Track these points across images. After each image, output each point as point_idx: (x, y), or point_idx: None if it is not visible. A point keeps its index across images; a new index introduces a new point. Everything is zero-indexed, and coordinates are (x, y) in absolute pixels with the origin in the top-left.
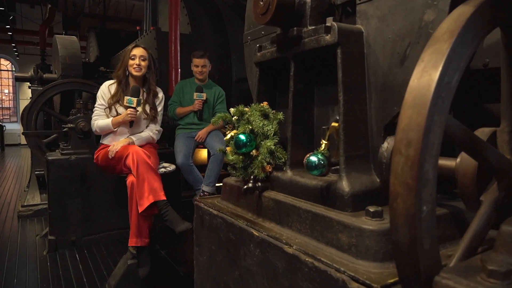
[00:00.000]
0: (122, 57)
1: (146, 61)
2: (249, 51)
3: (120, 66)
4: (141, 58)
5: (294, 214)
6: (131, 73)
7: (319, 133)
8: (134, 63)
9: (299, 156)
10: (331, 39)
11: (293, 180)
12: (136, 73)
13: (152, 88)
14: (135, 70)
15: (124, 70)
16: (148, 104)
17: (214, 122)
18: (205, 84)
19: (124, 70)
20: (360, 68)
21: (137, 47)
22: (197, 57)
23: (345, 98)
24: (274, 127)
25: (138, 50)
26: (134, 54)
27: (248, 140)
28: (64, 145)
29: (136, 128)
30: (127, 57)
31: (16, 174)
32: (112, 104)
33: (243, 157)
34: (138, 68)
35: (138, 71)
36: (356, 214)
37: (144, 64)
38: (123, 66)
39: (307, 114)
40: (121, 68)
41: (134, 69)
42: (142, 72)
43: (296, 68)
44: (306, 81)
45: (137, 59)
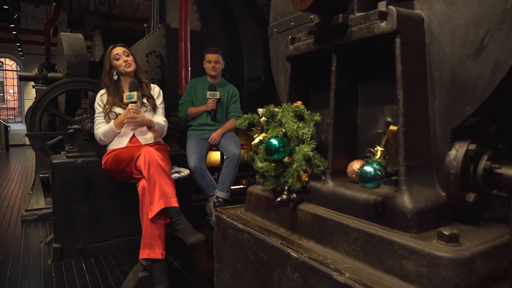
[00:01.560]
0: (105, 63)
1: (131, 55)
2: (275, 45)
3: (104, 74)
4: (124, 54)
5: (341, 233)
6: (124, 71)
7: (363, 138)
8: (121, 62)
9: (341, 164)
10: (388, 27)
11: (337, 192)
12: (129, 69)
13: (144, 80)
14: (127, 66)
15: (110, 76)
16: (145, 96)
17: (240, 124)
18: (218, 82)
19: (110, 77)
20: (421, 60)
21: (115, 47)
22: (210, 52)
23: (405, 96)
24: (311, 130)
25: (118, 48)
26: (117, 53)
27: (281, 145)
28: (70, 148)
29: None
30: (108, 61)
31: (20, 175)
32: (109, 111)
33: (275, 165)
34: (128, 64)
35: (129, 66)
36: (424, 237)
37: (131, 59)
38: (107, 73)
39: (350, 116)
40: (106, 75)
41: (125, 66)
42: (133, 66)
43: (338, 62)
44: (349, 77)
45: (122, 56)
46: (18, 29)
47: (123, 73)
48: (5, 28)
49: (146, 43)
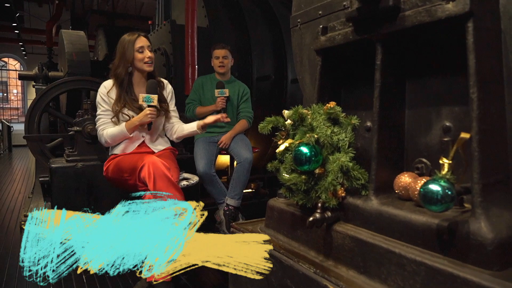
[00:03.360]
0: (121, 50)
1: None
2: (299, 38)
3: (119, 63)
4: (149, 48)
5: (392, 264)
6: (143, 69)
7: (411, 145)
8: (144, 57)
9: (385, 177)
10: (457, 8)
11: (384, 212)
12: (149, 68)
13: (158, 79)
14: (148, 65)
15: (127, 67)
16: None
17: (263, 128)
18: (227, 80)
19: (126, 67)
20: (497, 51)
21: (139, 36)
22: (217, 48)
23: (480, 96)
24: (348, 136)
25: (143, 39)
26: (141, 46)
27: (313, 153)
28: (70, 151)
29: (155, 131)
30: (131, 51)
31: (22, 177)
32: (119, 111)
33: (305, 177)
34: (150, 61)
35: (151, 65)
36: (509, 276)
37: (153, 55)
38: (125, 62)
39: (396, 119)
40: (121, 64)
41: (146, 64)
42: (153, 66)
43: (385, 55)
44: (397, 73)
45: (146, 50)
46: (21, 28)
47: (140, 70)
48: (8, 28)
49: (151, 41)
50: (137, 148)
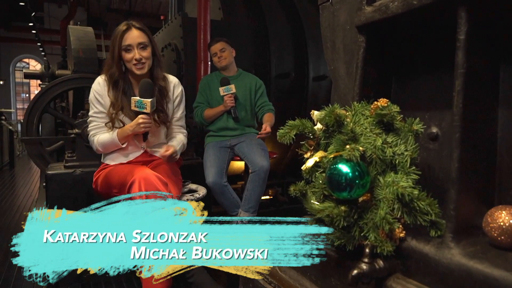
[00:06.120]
0: (111, 46)
1: (148, 47)
2: (330, 17)
3: (112, 61)
4: (139, 46)
5: None
6: (133, 71)
7: (507, 163)
8: (131, 58)
9: (471, 213)
10: None
11: (475, 270)
12: (139, 72)
13: (160, 82)
14: (137, 68)
15: (119, 65)
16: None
17: (282, 137)
18: (233, 75)
19: (119, 66)
20: None
21: (128, 29)
22: (212, 44)
23: None
24: (410, 149)
25: (132, 36)
26: (129, 44)
27: (357, 174)
28: (69, 156)
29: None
30: (117, 49)
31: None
32: (114, 116)
33: (345, 208)
34: (140, 65)
35: (141, 68)
36: None
37: (147, 55)
38: (116, 59)
39: (488, 123)
40: (114, 63)
41: (134, 66)
42: (146, 68)
43: (472, 25)
44: (489, 55)
45: (134, 49)
46: (41, 29)
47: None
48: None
49: (162, 37)
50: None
